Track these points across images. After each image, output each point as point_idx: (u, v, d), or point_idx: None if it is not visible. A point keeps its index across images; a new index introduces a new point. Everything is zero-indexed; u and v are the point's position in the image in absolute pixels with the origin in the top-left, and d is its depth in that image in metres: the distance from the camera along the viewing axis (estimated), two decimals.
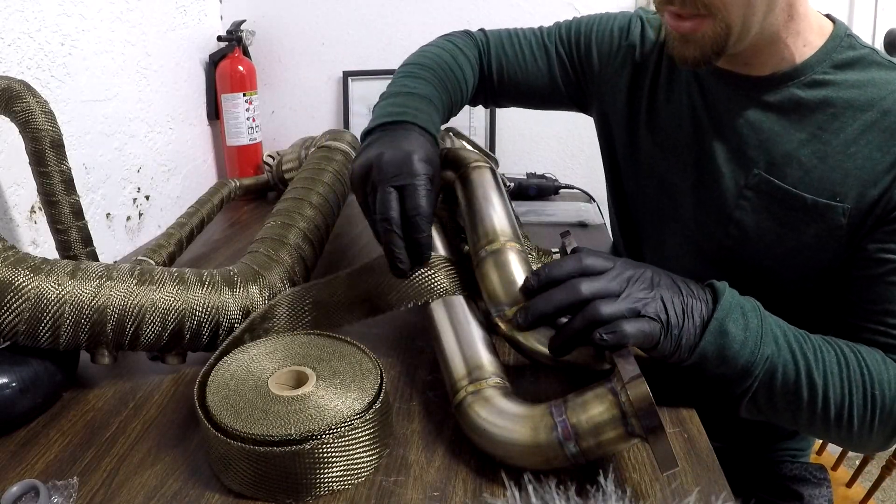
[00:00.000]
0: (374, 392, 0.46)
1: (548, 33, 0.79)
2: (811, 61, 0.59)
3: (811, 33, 0.59)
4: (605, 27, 0.76)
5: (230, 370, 0.49)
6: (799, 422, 0.52)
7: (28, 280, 0.51)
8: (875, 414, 0.50)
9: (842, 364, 0.51)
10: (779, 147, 0.59)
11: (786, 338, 0.50)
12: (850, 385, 0.50)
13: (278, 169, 1.14)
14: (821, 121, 0.58)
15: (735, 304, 0.49)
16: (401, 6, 1.26)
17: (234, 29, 1.20)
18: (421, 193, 0.53)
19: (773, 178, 0.59)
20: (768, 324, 0.50)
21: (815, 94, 0.58)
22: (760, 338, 0.49)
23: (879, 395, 0.50)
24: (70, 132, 0.83)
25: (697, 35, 0.56)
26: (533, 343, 0.50)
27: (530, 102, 0.83)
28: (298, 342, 0.53)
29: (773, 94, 0.60)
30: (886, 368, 0.51)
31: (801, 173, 0.58)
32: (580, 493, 0.39)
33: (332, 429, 0.42)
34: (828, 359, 0.51)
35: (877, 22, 1.26)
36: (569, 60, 0.78)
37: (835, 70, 0.58)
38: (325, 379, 0.48)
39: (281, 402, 0.45)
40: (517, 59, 0.78)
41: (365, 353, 0.51)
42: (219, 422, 0.44)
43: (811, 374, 0.50)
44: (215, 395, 0.46)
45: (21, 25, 0.74)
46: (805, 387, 0.50)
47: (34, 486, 0.43)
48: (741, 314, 0.49)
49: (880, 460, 1.12)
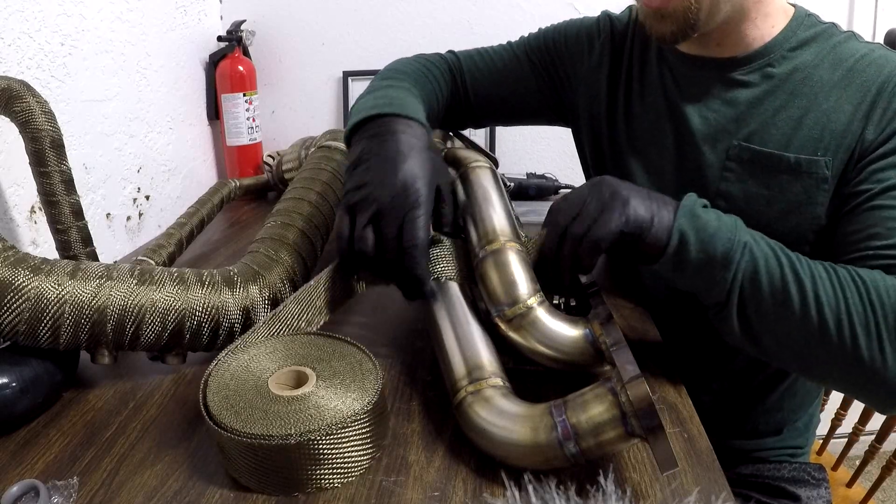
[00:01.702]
0: (375, 392, 0.46)
1: (517, 45, 0.80)
2: (778, 39, 0.62)
3: (778, 15, 0.63)
4: (575, 29, 0.77)
5: (230, 370, 0.49)
6: (796, 339, 0.49)
7: (28, 280, 0.51)
8: (879, 323, 0.46)
9: (829, 269, 0.49)
10: (755, 117, 0.62)
11: (764, 240, 0.51)
12: (842, 289, 0.48)
13: (278, 169, 1.14)
14: (792, 86, 0.61)
15: (701, 202, 0.52)
16: (401, 6, 1.26)
17: (234, 29, 1.20)
18: (419, 224, 0.51)
19: (752, 144, 0.62)
20: (744, 227, 0.51)
21: (783, 68, 0.62)
22: (735, 225, 0.51)
23: (878, 302, 0.47)
24: (70, 132, 0.83)
25: (669, 9, 0.58)
26: (533, 343, 0.50)
27: (510, 117, 0.84)
28: (299, 342, 0.53)
29: (745, 72, 0.63)
30: (882, 278, 0.48)
31: (780, 136, 0.61)
32: (580, 493, 0.39)
33: (330, 428, 0.43)
34: (812, 265, 0.50)
35: (877, 22, 1.26)
36: (542, 67, 0.78)
37: (801, 46, 0.62)
38: (325, 379, 0.48)
39: (281, 402, 0.45)
40: (490, 74, 0.79)
41: (365, 354, 0.51)
42: (219, 421, 0.44)
43: (796, 270, 0.49)
44: (216, 394, 0.46)
45: (21, 25, 0.74)
46: (792, 283, 0.48)
47: (34, 486, 0.43)
48: (711, 211, 0.51)
49: (880, 460, 1.12)
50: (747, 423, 0.76)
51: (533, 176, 1.16)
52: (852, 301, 0.47)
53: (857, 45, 0.61)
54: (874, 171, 0.55)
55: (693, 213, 0.50)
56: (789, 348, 0.50)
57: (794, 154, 0.59)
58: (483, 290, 0.53)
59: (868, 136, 0.57)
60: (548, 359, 0.50)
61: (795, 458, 0.79)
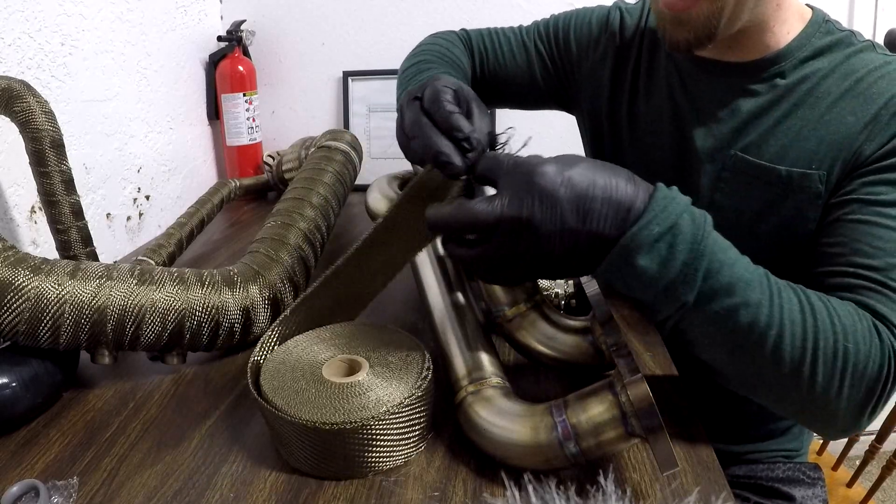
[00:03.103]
0: (425, 377, 0.47)
1: (526, 31, 0.80)
2: (792, 46, 0.60)
3: (795, 20, 0.61)
4: (583, 20, 0.76)
5: (282, 357, 0.51)
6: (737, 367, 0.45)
7: (28, 280, 0.51)
8: (846, 372, 0.43)
9: (805, 310, 0.43)
10: (757, 127, 0.60)
11: (733, 250, 0.42)
12: (814, 334, 0.43)
13: (278, 169, 1.14)
14: (798, 96, 0.59)
15: (665, 229, 0.39)
16: (401, 6, 1.26)
17: (234, 29, 1.20)
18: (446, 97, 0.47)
19: (748, 155, 0.60)
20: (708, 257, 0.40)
21: (794, 76, 0.60)
22: (692, 218, 0.40)
23: (853, 351, 0.43)
24: (70, 132, 0.83)
25: (691, 15, 0.56)
26: (533, 343, 0.50)
27: (513, 101, 0.83)
28: (349, 331, 0.54)
29: (755, 80, 0.61)
30: (860, 320, 0.44)
31: (777, 148, 0.59)
32: (580, 493, 0.39)
33: (384, 414, 0.44)
34: (787, 299, 0.43)
35: (877, 22, 1.26)
36: (548, 56, 0.78)
37: (815, 55, 0.59)
38: (377, 366, 0.49)
39: (335, 388, 0.46)
40: (496, 55, 0.79)
41: (412, 340, 0.52)
42: (277, 406, 0.45)
43: (763, 283, 0.42)
44: (269, 381, 0.48)
45: (21, 25, 0.74)
46: (761, 291, 0.42)
47: (34, 486, 0.43)
48: (668, 241, 0.39)
49: (880, 460, 1.12)
50: (742, 426, 0.76)
51: None
52: (821, 350, 0.43)
53: (874, 57, 0.58)
54: (865, 184, 0.53)
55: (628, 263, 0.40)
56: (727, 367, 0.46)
57: (786, 167, 0.58)
58: (483, 290, 0.53)
59: (866, 150, 0.54)
60: (548, 359, 0.50)
61: (791, 459, 0.78)
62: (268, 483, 0.44)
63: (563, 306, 0.58)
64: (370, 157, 1.27)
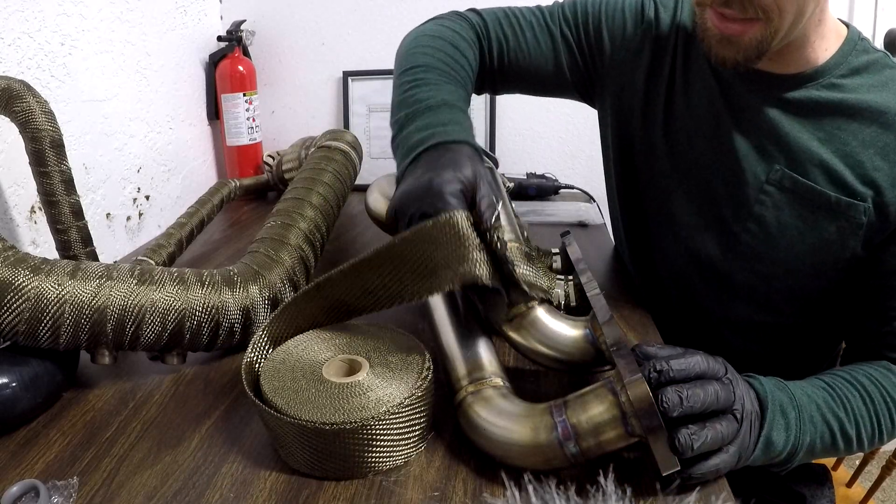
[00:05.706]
0: (425, 377, 0.47)
1: (550, 14, 0.73)
2: (829, 64, 0.60)
3: (832, 37, 0.60)
4: (615, 9, 0.71)
5: (282, 357, 0.51)
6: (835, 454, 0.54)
7: (28, 280, 0.51)
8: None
9: (867, 403, 0.52)
10: (798, 144, 0.60)
11: (819, 411, 0.50)
12: (878, 420, 0.53)
13: (278, 169, 1.14)
14: (838, 122, 0.59)
15: (776, 408, 0.47)
16: (401, 6, 1.26)
17: (234, 29, 1.20)
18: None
19: (795, 173, 0.60)
20: (805, 410, 0.49)
21: (832, 95, 0.59)
22: (799, 429, 0.48)
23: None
24: (70, 132, 0.83)
25: (743, 38, 0.55)
26: (533, 343, 0.50)
27: (532, 89, 0.78)
28: (349, 331, 0.54)
29: (792, 93, 0.61)
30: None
31: (822, 171, 0.59)
32: (580, 493, 0.39)
33: (383, 416, 0.44)
34: (856, 405, 0.52)
35: (877, 22, 1.26)
36: (577, 45, 0.73)
37: (851, 74, 0.59)
38: (378, 366, 0.49)
39: (335, 388, 0.46)
40: (518, 43, 0.72)
41: (413, 341, 0.52)
42: (276, 406, 0.45)
43: (845, 430, 0.51)
44: (269, 381, 0.48)
45: (21, 25, 0.74)
46: (841, 440, 0.51)
47: (34, 486, 0.43)
48: (782, 415, 0.47)
49: (880, 460, 1.12)
50: None
51: (533, 176, 1.16)
52: (885, 426, 0.53)
53: None
54: None
55: (768, 442, 0.46)
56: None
57: (835, 194, 0.59)
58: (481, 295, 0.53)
59: None
60: (548, 359, 0.50)
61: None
62: (268, 483, 0.44)
63: (563, 306, 0.58)
64: (370, 157, 1.28)
